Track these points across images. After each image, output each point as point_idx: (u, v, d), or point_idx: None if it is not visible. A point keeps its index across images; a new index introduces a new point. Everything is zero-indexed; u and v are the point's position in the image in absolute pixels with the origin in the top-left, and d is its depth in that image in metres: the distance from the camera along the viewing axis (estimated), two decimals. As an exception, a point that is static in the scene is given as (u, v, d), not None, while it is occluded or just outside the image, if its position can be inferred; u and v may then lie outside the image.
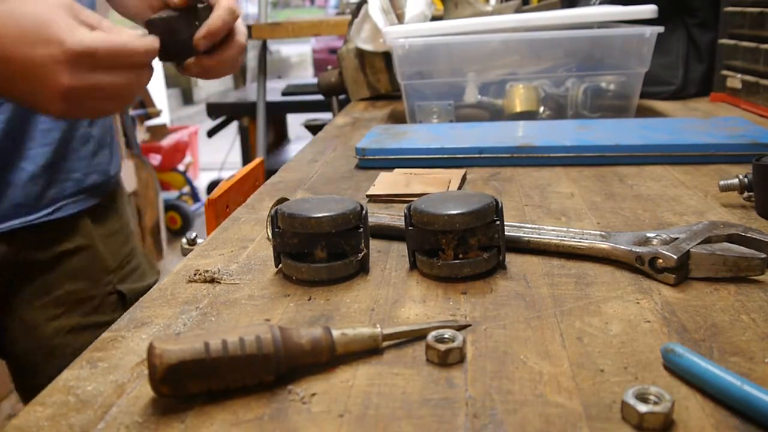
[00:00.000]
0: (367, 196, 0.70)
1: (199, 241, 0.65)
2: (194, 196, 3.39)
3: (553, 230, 0.54)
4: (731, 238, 0.50)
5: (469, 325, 0.41)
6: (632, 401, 0.32)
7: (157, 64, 0.58)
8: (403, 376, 0.37)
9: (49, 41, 0.47)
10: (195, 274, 0.51)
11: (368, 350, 0.39)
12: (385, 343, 0.39)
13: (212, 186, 3.49)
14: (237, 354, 0.34)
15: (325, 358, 0.37)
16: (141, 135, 3.06)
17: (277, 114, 3.05)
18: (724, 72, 1.17)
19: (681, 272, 0.47)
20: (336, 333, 0.38)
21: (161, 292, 0.49)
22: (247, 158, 2.93)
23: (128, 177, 2.45)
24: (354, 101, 1.34)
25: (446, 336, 0.39)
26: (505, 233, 0.51)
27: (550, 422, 0.32)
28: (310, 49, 8.89)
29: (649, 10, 1.01)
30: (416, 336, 0.40)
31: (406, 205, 0.51)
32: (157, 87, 4.46)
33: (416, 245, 0.51)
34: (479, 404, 0.34)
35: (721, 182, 0.64)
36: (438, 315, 0.44)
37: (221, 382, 0.35)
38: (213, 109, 2.89)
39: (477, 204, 0.48)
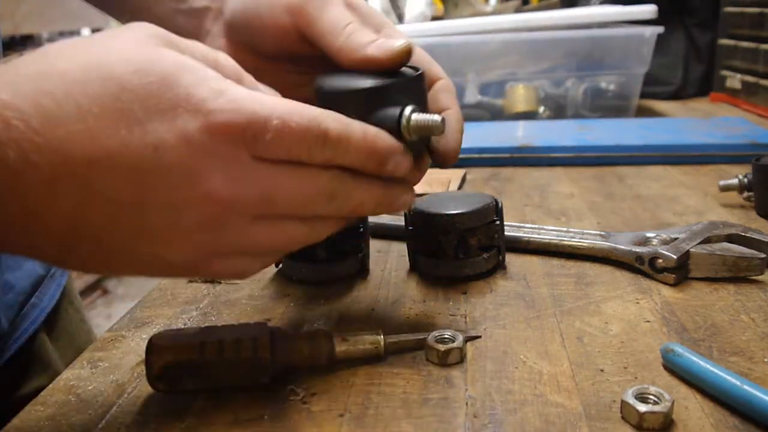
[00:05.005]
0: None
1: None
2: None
3: (553, 230, 0.54)
4: (731, 238, 0.50)
5: (479, 337, 0.40)
6: (632, 401, 0.32)
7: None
8: (403, 376, 0.37)
9: (171, 108, 0.26)
10: (195, 274, 0.51)
11: (369, 357, 0.38)
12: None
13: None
14: (232, 356, 0.34)
15: (324, 362, 0.37)
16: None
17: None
18: (724, 72, 1.17)
19: (681, 272, 0.47)
20: (336, 338, 0.37)
21: (161, 292, 0.49)
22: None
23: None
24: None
25: (446, 336, 0.39)
26: (505, 233, 0.51)
27: (549, 422, 0.32)
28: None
29: (649, 11, 1.01)
30: (419, 346, 0.39)
31: (406, 205, 0.51)
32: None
33: (416, 245, 0.51)
34: (479, 404, 0.34)
35: (721, 182, 0.64)
36: (438, 315, 0.44)
37: (216, 381, 0.35)
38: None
39: (477, 204, 0.49)
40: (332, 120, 0.30)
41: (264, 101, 0.28)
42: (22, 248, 0.28)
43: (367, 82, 0.35)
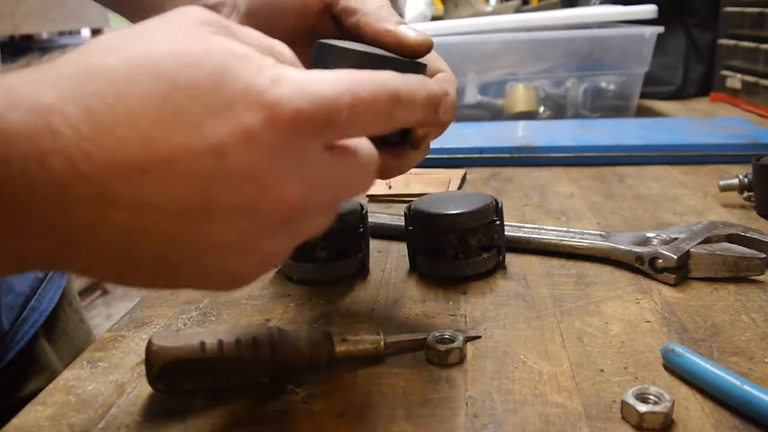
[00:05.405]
0: (367, 196, 0.70)
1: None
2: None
3: (553, 230, 0.54)
4: (731, 238, 0.50)
5: (479, 337, 0.41)
6: (632, 401, 0.32)
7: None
8: (404, 376, 0.37)
9: (229, 105, 0.24)
10: (195, 274, 0.51)
11: (369, 357, 0.38)
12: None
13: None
14: (232, 356, 0.34)
15: (324, 362, 0.37)
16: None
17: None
18: (724, 72, 1.17)
19: (681, 272, 0.47)
20: (336, 338, 0.37)
21: (161, 292, 0.49)
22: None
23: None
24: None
25: (446, 336, 0.39)
26: (505, 233, 0.51)
27: (550, 422, 0.32)
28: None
29: (649, 10, 1.01)
30: (419, 346, 0.39)
31: (406, 205, 0.51)
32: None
33: (416, 245, 0.51)
34: (479, 404, 0.34)
35: (721, 182, 0.64)
36: (438, 315, 0.44)
37: (216, 380, 0.35)
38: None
39: (477, 204, 0.48)
40: (393, 78, 0.27)
41: (327, 79, 0.25)
42: (79, 266, 0.26)
43: (376, 50, 0.35)
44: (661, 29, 1.01)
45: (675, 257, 0.46)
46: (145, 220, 0.24)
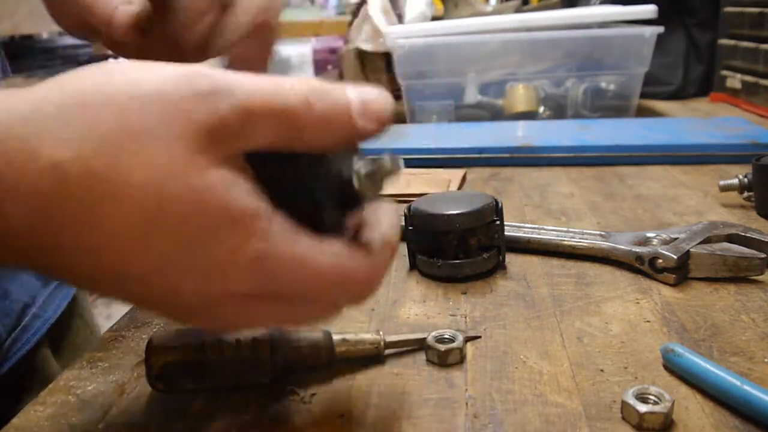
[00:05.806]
0: (367, 196, 0.70)
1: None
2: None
3: (553, 230, 0.54)
4: (731, 238, 0.50)
5: (479, 337, 0.41)
6: (632, 401, 0.32)
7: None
8: (403, 376, 0.37)
9: (211, 263, 0.26)
10: (195, 274, 0.51)
11: (369, 357, 0.38)
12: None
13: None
14: (232, 356, 0.34)
15: (324, 362, 0.37)
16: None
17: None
18: (724, 72, 1.17)
19: (681, 272, 0.47)
20: (336, 338, 0.37)
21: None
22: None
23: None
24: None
25: (446, 336, 0.39)
26: (505, 233, 0.51)
27: (550, 422, 0.32)
28: (310, 49, 8.86)
29: (649, 10, 1.01)
30: (419, 345, 0.39)
31: (406, 205, 0.51)
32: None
33: (416, 245, 0.51)
34: (479, 404, 0.34)
35: (721, 182, 0.64)
36: (438, 315, 0.44)
37: (215, 381, 0.35)
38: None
39: (477, 204, 0.48)
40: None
41: (302, 258, 0.26)
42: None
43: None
44: (661, 29, 1.00)
45: (675, 257, 0.46)
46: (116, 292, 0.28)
